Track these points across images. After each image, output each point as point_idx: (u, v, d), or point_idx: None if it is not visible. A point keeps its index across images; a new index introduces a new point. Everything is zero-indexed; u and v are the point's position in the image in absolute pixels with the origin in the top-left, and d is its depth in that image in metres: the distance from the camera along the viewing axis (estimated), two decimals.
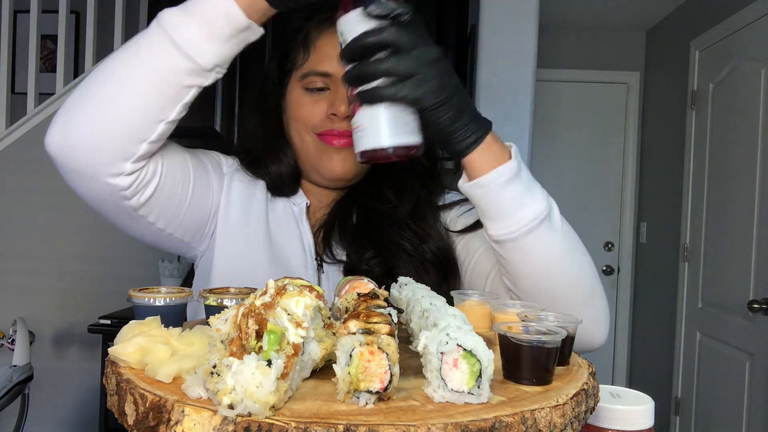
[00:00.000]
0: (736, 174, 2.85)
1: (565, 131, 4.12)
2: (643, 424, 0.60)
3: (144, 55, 0.74)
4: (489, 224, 0.79)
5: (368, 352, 0.46)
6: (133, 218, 0.84)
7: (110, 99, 0.75)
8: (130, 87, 0.74)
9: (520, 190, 0.76)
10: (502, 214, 0.77)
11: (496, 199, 0.76)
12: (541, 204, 0.77)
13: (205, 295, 0.69)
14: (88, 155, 0.76)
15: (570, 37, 4.06)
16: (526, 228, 0.76)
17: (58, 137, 0.76)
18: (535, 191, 0.78)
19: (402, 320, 0.70)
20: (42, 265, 2.92)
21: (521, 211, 0.76)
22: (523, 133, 2.33)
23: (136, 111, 0.75)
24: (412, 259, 0.93)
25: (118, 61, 0.76)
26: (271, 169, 1.00)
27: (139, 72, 0.74)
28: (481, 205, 0.78)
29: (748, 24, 2.79)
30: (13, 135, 2.93)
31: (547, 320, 0.62)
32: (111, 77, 0.76)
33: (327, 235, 0.97)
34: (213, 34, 0.72)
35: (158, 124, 0.76)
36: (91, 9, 2.94)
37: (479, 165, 0.75)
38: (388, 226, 0.96)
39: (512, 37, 2.35)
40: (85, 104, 0.75)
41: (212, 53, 0.73)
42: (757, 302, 2.56)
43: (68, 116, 0.76)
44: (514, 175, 0.75)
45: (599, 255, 4.14)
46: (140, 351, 0.53)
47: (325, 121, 0.93)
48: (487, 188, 0.76)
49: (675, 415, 3.37)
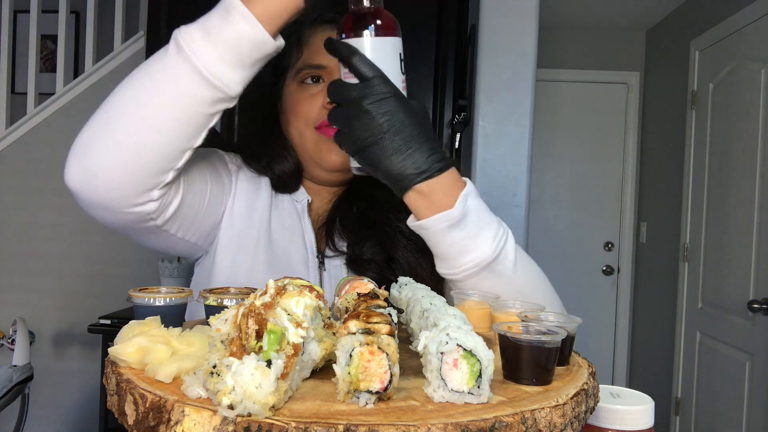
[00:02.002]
0: (736, 174, 2.86)
1: (565, 131, 4.12)
2: (643, 424, 0.60)
3: (168, 84, 0.70)
4: (436, 262, 0.83)
5: (368, 352, 0.46)
6: (155, 233, 0.84)
7: (136, 134, 0.71)
8: (156, 120, 0.70)
9: (461, 237, 0.77)
10: (446, 256, 0.80)
11: (438, 242, 0.79)
12: (485, 252, 0.78)
13: (205, 295, 0.69)
14: (114, 189, 0.73)
15: (570, 37, 4.06)
16: (468, 273, 0.79)
17: (79, 173, 0.72)
18: (483, 237, 0.78)
19: (402, 320, 0.70)
20: (42, 265, 2.92)
21: (462, 257, 0.78)
22: (523, 133, 2.33)
23: (164, 145, 0.72)
24: (409, 242, 0.95)
25: (139, 92, 0.72)
26: (275, 168, 1.01)
27: (164, 106, 0.70)
28: (428, 243, 0.82)
29: (748, 24, 2.79)
30: (13, 135, 2.93)
31: (547, 320, 0.62)
32: (133, 111, 0.71)
33: (329, 228, 0.98)
34: (241, 62, 0.70)
35: (185, 152, 0.75)
36: (91, 9, 2.95)
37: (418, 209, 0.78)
38: (386, 210, 0.98)
39: (512, 37, 2.35)
40: (106, 138, 0.71)
41: (240, 79, 0.72)
42: (757, 302, 2.56)
43: (87, 150, 0.72)
44: (455, 224, 0.76)
45: (599, 255, 4.14)
46: (140, 351, 0.53)
47: (322, 112, 0.94)
48: (428, 231, 0.78)
49: (675, 415, 3.37)
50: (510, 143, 2.31)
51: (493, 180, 2.26)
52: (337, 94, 0.75)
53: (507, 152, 2.31)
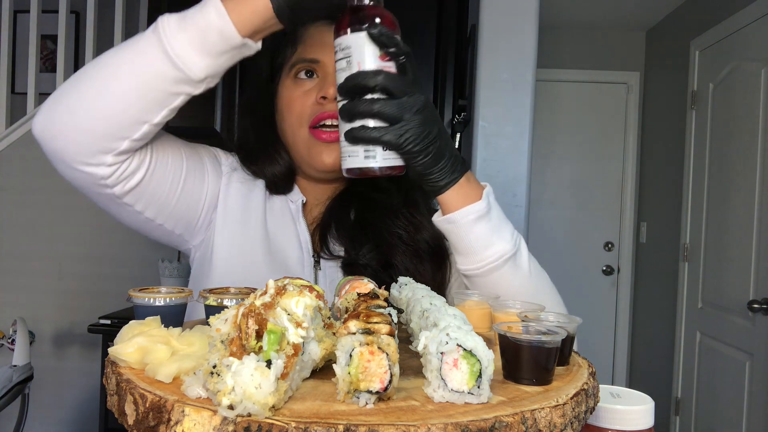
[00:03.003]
0: (736, 174, 2.86)
1: (565, 131, 4.12)
2: (643, 424, 0.60)
3: (135, 57, 0.74)
4: (458, 258, 0.85)
5: (368, 352, 0.46)
6: (119, 205, 0.85)
7: (95, 96, 0.75)
8: (116, 87, 0.74)
9: (487, 229, 0.81)
10: (469, 251, 0.82)
11: (464, 235, 0.82)
12: (507, 245, 0.82)
13: (205, 295, 0.69)
14: (70, 145, 0.77)
15: (570, 37, 4.06)
16: (491, 266, 0.82)
17: (43, 123, 0.77)
18: (504, 232, 0.83)
19: (402, 320, 0.70)
20: (42, 265, 2.92)
21: (487, 249, 0.82)
22: (523, 133, 2.33)
23: (118, 111, 0.75)
24: (408, 248, 0.95)
25: (111, 59, 0.76)
26: (266, 170, 1.01)
27: (127, 73, 0.74)
28: (451, 239, 0.84)
29: (748, 24, 2.79)
30: (13, 135, 2.93)
31: (547, 320, 0.62)
32: (100, 73, 0.76)
33: (324, 232, 0.98)
34: (205, 49, 0.73)
35: (142, 125, 0.77)
36: (91, 9, 2.95)
37: (450, 203, 0.81)
38: (384, 215, 0.98)
39: (512, 37, 2.35)
40: (71, 96, 0.76)
41: (203, 66, 0.74)
42: (757, 302, 2.56)
43: (55, 104, 0.77)
44: (482, 216, 0.81)
45: (599, 255, 4.14)
46: (140, 351, 0.53)
47: (316, 106, 0.94)
48: (456, 224, 0.81)
49: (675, 415, 3.37)
50: (510, 143, 2.31)
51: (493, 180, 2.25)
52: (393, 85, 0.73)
53: (507, 152, 2.31)
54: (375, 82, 0.72)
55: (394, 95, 0.73)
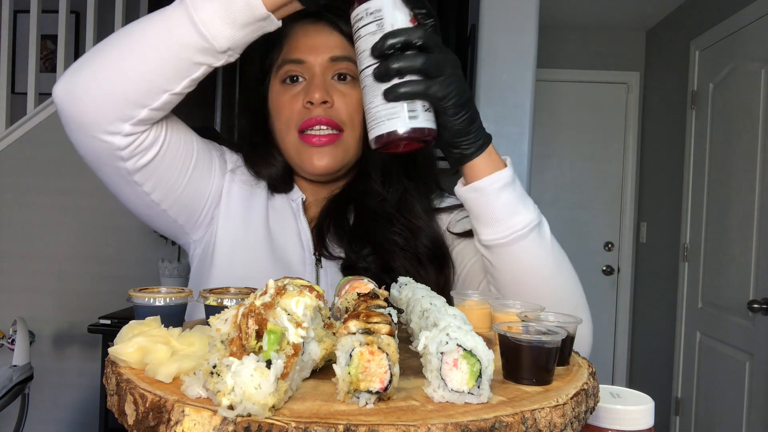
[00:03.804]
0: (736, 174, 2.86)
1: (565, 131, 4.12)
2: (643, 424, 0.60)
3: (160, 24, 0.75)
4: (481, 229, 0.82)
5: (368, 352, 0.46)
6: (128, 183, 0.85)
7: (119, 60, 0.76)
8: (140, 52, 0.75)
9: (513, 198, 0.79)
10: (494, 220, 0.80)
11: (490, 203, 0.79)
12: (533, 213, 0.81)
13: (205, 295, 0.69)
14: (90, 110, 0.77)
15: (570, 37, 4.06)
16: (517, 234, 0.79)
17: (65, 88, 0.78)
18: (528, 202, 0.82)
19: (402, 320, 0.70)
20: (42, 265, 2.92)
21: (513, 218, 0.79)
22: (523, 133, 2.33)
23: (141, 76, 0.76)
24: (407, 253, 0.94)
25: (137, 27, 0.77)
26: (263, 171, 1.02)
27: (152, 40, 0.75)
28: (474, 209, 0.81)
29: (748, 24, 2.79)
30: (13, 135, 2.93)
31: (547, 320, 0.62)
32: (125, 40, 0.77)
33: (321, 234, 0.98)
34: (230, 18, 0.73)
35: (162, 93, 0.77)
36: (91, 9, 2.95)
37: (478, 169, 0.79)
38: (379, 222, 0.97)
39: (512, 37, 2.35)
40: (95, 61, 0.77)
41: (227, 36, 0.74)
42: (757, 302, 2.56)
43: (78, 70, 0.78)
44: (509, 183, 0.79)
45: (599, 255, 4.14)
46: (140, 351, 0.53)
47: (303, 111, 0.94)
48: (482, 192, 0.79)
49: (675, 415, 3.37)
50: (510, 143, 2.31)
51: None
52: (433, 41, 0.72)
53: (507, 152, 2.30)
54: (417, 35, 0.71)
55: (432, 52, 0.72)
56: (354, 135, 0.96)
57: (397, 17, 0.73)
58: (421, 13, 0.73)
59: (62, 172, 2.91)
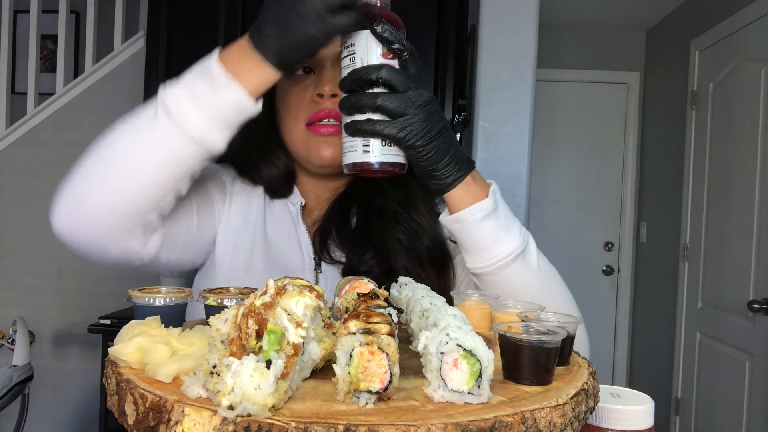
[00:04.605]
0: (736, 174, 2.86)
1: (565, 131, 4.12)
2: (643, 424, 0.60)
3: (159, 149, 0.74)
4: (467, 257, 0.84)
5: (368, 352, 0.46)
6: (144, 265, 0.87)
7: (122, 187, 0.75)
8: (147, 177, 0.75)
9: (495, 227, 0.80)
10: (478, 249, 0.82)
11: (472, 234, 0.81)
12: (516, 242, 0.82)
13: (205, 295, 0.69)
14: (102, 235, 0.77)
15: (570, 37, 4.06)
16: (501, 263, 0.81)
17: (68, 221, 0.77)
18: (512, 229, 0.82)
19: (402, 320, 0.70)
20: (42, 265, 2.92)
21: (496, 247, 0.81)
22: (523, 133, 2.33)
23: (150, 193, 0.76)
24: (409, 254, 0.94)
25: (131, 149, 0.75)
26: (263, 172, 1.01)
27: (155, 164, 0.74)
28: (459, 238, 0.83)
29: (748, 24, 2.79)
30: (13, 135, 2.93)
31: (547, 320, 0.62)
32: (124, 165, 0.75)
33: (324, 237, 0.97)
34: (224, 123, 0.73)
35: (171, 195, 0.79)
36: (91, 9, 2.95)
37: (458, 201, 0.80)
38: (383, 220, 0.97)
39: (512, 37, 2.35)
40: (94, 188, 0.76)
41: (224, 139, 0.75)
42: (757, 302, 2.56)
43: (76, 200, 0.77)
44: (490, 213, 0.80)
45: (599, 255, 4.14)
46: (140, 351, 0.53)
47: (312, 104, 0.94)
48: (464, 223, 0.80)
49: (675, 415, 3.37)
50: (510, 143, 2.31)
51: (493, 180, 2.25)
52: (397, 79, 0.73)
53: (507, 152, 2.31)
54: (378, 74, 0.72)
55: (396, 89, 0.73)
56: None
57: (370, 52, 0.74)
58: (394, 49, 0.74)
59: (62, 172, 2.89)
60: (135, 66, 2.89)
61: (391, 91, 0.73)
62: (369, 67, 0.73)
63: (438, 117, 0.76)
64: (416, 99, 0.73)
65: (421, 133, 0.73)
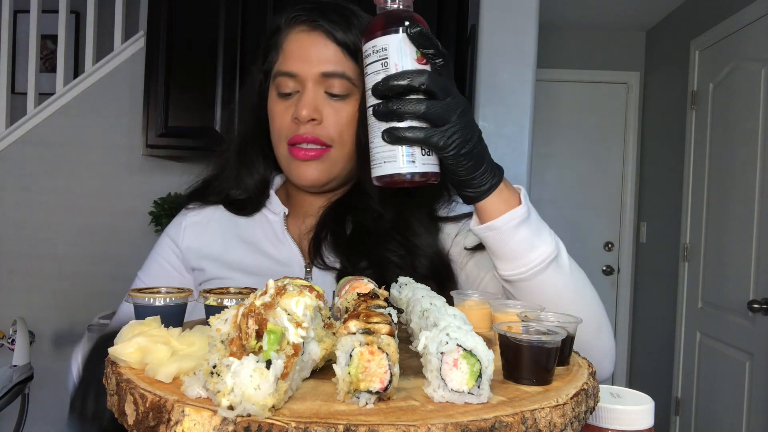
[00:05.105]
0: (736, 174, 2.85)
1: (565, 131, 4.12)
2: (643, 424, 0.60)
3: None
4: (500, 264, 0.81)
5: (368, 352, 0.46)
6: None
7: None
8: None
9: (529, 233, 0.78)
10: (512, 256, 0.79)
11: (506, 241, 0.78)
12: (550, 246, 0.80)
13: (205, 295, 0.69)
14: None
15: (570, 37, 4.06)
16: (536, 269, 0.79)
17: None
18: (544, 234, 0.80)
19: (402, 320, 0.70)
20: (42, 265, 2.92)
21: (531, 253, 0.79)
22: (523, 133, 2.33)
23: None
24: (403, 272, 0.92)
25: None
26: (244, 181, 1.03)
27: None
28: (492, 246, 0.80)
29: (748, 24, 2.79)
30: (13, 135, 2.93)
31: (547, 320, 0.62)
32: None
33: (318, 243, 0.97)
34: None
35: None
36: (91, 9, 2.94)
37: (491, 210, 0.77)
38: (374, 240, 0.95)
39: (512, 37, 2.35)
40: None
41: None
42: (757, 302, 2.56)
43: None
44: (524, 219, 0.78)
45: (599, 255, 4.14)
46: (140, 351, 0.53)
47: (292, 126, 0.93)
48: (498, 231, 0.78)
49: (675, 415, 3.37)
50: (510, 143, 2.31)
51: None
52: (438, 86, 0.70)
53: (507, 152, 2.31)
54: (420, 81, 0.69)
55: (437, 97, 0.70)
56: (343, 151, 0.95)
57: (404, 57, 0.71)
58: (429, 54, 0.71)
59: (62, 172, 2.91)
60: (135, 66, 2.89)
61: (431, 98, 0.70)
62: (409, 72, 0.70)
63: (474, 125, 0.74)
64: (457, 106, 0.71)
65: (464, 141, 0.71)
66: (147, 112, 2.63)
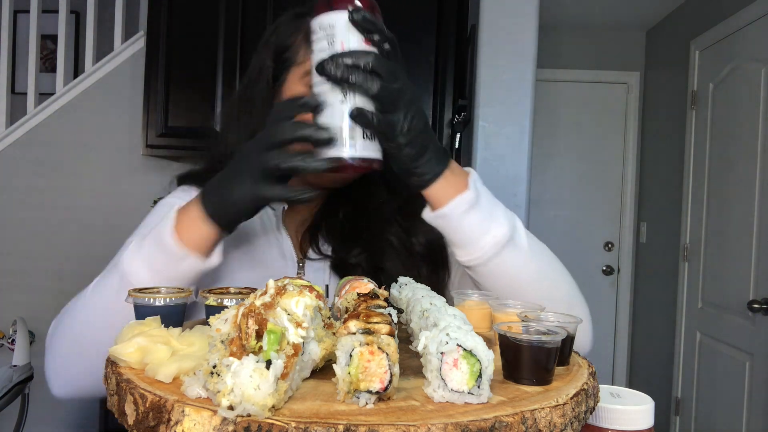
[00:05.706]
0: (736, 174, 2.86)
1: (565, 131, 4.12)
2: (643, 424, 0.60)
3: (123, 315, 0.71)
4: (456, 251, 0.81)
5: (368, 352, 0.46)
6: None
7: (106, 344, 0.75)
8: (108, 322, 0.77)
9: (480, 217, 0.78)
10: (466, 242, 0.79)
11: (457, 228, 0.78)
12: (503, 228, 0.79)
13: (205, 295, 0.69)
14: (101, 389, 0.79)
15: (570, 37, 4.06)
16: (491, 253, 0.79)
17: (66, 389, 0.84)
18: (497, 215, 0.79)
19: (402, 320, 0.70)
20: (42, 265, 2.92)
21: (483, 237, 0.78)
22: (523, 133, 2.33)
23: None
24: (400, 253, 0.93)
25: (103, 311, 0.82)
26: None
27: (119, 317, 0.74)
28: (445, 234, 0.81)
29: (748, 24, 2.79)
30: (13, 135, 2.93)
31: (547, 320, 0.62)
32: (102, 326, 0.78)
33: (313, 233, 0.96)
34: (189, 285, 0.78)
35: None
36: (91, 9, 2.95)
37: (439, 197, 0.77)
38: (373, 221, 0.96)
39: (512, 37, 2.35)
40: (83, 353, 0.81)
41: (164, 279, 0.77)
42: (757, 302, 2.56)
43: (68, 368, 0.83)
44: (473, 204, 0.77)
45: (599, 255, 4.14)
46: (140, 351, 0.53)
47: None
48: (447, 219, 0.78)
49: (675, 415, 3.37)
50: (510, 143, 2.31)
51: (493, 180, 2.26)
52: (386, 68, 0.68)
53: (507, 152, 2.31)
54: (367, 60, 0.66)
55: (383, 80, 0.68)
56: None
57: (350, 37, 0.68)
58: (374, 39, 0.69)
59: (62, 172, 2.91)
60: (135, 66, 2.89)
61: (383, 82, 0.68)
62: (357, 51, 0.67)
63: (422, 111, 0.73)
64: (405, 92, 0.70)
65: (408, 130, 0.70)
66: (147, 112, 2.64)
